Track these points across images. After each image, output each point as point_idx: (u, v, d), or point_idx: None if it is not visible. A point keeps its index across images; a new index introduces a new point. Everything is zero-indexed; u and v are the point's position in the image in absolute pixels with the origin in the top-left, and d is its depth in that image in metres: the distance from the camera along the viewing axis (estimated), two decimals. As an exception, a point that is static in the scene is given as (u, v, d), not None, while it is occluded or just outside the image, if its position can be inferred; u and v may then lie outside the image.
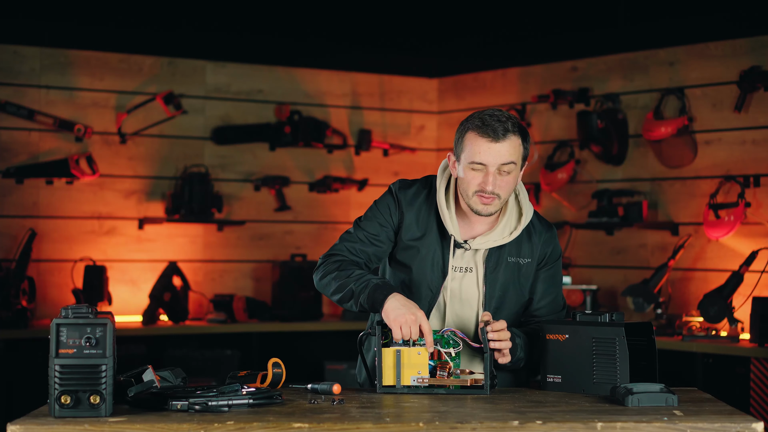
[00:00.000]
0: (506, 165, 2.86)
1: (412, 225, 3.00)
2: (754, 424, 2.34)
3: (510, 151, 2.86)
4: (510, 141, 2.85)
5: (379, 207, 3.05)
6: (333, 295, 2.95)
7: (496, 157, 2.85)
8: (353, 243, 3.01)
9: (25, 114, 5.78)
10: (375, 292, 2.84)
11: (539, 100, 6.21)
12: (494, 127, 2.84)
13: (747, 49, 5.40)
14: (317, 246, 6.54)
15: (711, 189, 5.42)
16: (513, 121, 2.88)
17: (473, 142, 2.86)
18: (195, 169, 6.13)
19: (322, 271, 2.99)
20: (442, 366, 2.78)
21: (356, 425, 2.31)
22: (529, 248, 3.01)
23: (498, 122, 2.85)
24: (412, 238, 3.00)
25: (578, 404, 2.59)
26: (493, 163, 2.85)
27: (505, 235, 2.97)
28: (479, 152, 2.85)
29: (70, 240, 5.95)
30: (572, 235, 6.05)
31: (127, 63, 6.12)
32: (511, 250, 2.99)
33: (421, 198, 3.02)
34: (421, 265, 2.98)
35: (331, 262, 2.98)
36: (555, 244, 3.07)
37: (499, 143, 2.84)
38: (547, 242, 3.04)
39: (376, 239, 3.01)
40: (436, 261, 2.97)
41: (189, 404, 2.41)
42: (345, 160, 6.67)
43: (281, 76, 6.54)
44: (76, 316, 2.36)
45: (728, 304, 5.09)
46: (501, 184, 2.87)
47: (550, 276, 3.06)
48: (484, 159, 2.85)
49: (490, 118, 2.86)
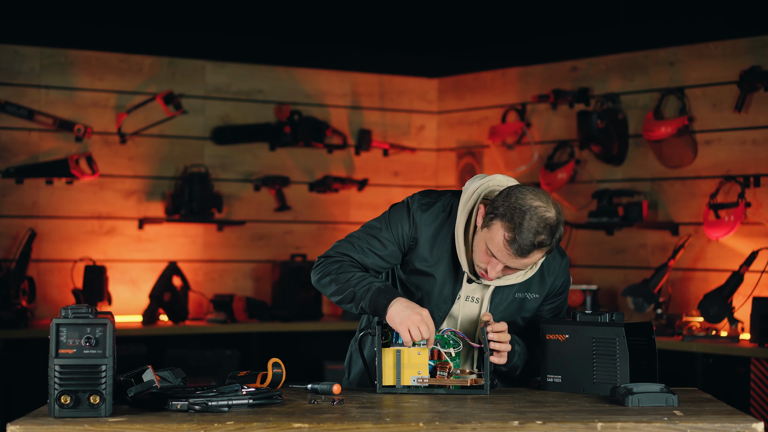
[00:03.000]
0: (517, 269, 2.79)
1: (425, 251, 2.90)
2: (754, 424, 2.34)
3: (527, 264, 2.75)
4: (533, 256, 2.72)
5: (391, 221, 2.93)
6: (332, 297, 2.90)
7: (512, 264, 2.75)
8: (355, 251, 2.92)
9: (25, 114, 5.77)
10: (378, 297, 2.78)
11: (539, 100, 6.21)
12: (523, 243, 2.67)
13: (747, 49, 5.40)
14: (317, 246, 6.53)
15: (711, 189, 5.42)
16: (548, 232, 2.68)
17: (497, 240, 2.71)
18: (195, 169, 6.13)
19: (320, 271, 2.93)
20: (442, 366, 2.78)
21: (356, 425, 2.31)
22: (540, 286, 2.94)
23: (531, 236, 2.66)
24: (424, 263, 2.91)
25: (578, 404, 2.59)
26: (506, 264, 2.76)
27: (519, 275, 2.88)
28: (497, 250, 2.72)
29: (70, 240, 5.94)
30: (572, 235, 6.05)
31: (127, 63, 6.12)
32: (521, 287, 2.92)
33: (438, 222, 2.90)
34: (431, 290, 2.91)
35: (330, 262, 2.92)
36: (566, 276, 3.00)
37: (519, 259, 2.72)
38: (559, 276, 2.96)
39: (379, 253, 2.92)
40: (446, 291, 2.90)
41: (189, 404, 2.41)
42: (345, 160, 6.67)
43: (281, 76, 6.53)
44: (76, 316, 2.36)
45: (728, 304, 5.08)
46: (508, 272, 2.81)
47: (555, 308, 3.02)
48: (499, 258, 2.74)
49: (524, 231, 2.67)
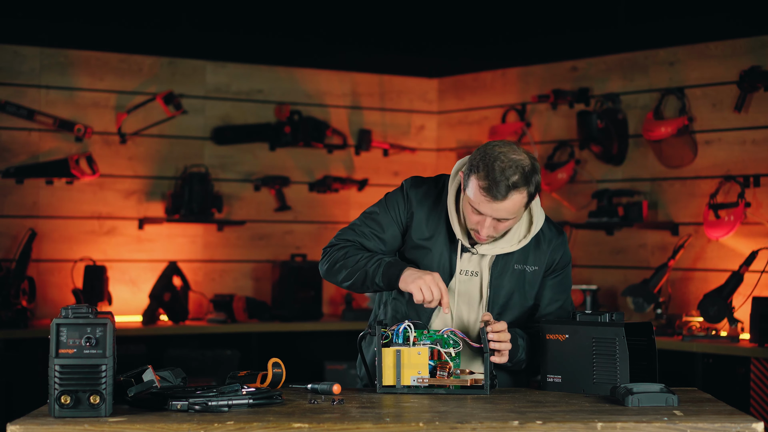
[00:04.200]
0: (504, 219, 2.82)
1: (421, 224, 2.98)
2: (754, 424, 2.34)
3: (509, 209, 2.78)
4: (511, 200, 2.76)
5: (388, 203, 3.02)
6: (343, 282, 2.94)
7: (494, 213, 2.79)
8: (357, 236, 3.00)
9: (25, 114, 5.77)
10: (389, 269, 2.85)
11: (539, 100, 6.21)
12: (496, 186, 2.73)
13: (747, 49, 5.40)
14: (317, 246, 6.53)
15: (711, 189, 5.41)
16: (519, 175, 2.74)
17: (474, 189, 2.78)
18: (195, 169, 6.13)
19: (328, 260, 2.98)
20: (442, 366, 2.78)
21: (356, 425, 2.31)
22: (537, 256, 2.97)
23: (502, 178, 2.72)
24: (421, 238, 2.98)
25: (578, 404, 2.59)
26: (490, 215, 2.80)
27: (513, 243, 2.93)
28: (478, 203, 2.79)
29: (70, 240, 5.94)
30: (572, 235, 6.05)
31: (127, 63, 6.12)
32: (519, 258, 2.96)
33: (432, 198, 2.99)
34: (429, 265, 2.96)
35: (336, 250, 2.98)
36: (564, 250, 3.03)
37: (498, 203, 2.76)
38: (557, 249, 3.00)
39: (380, 236, 3.00)
40: (443, 263, 2.95)
41: (189, 404, 2.41)
42: (345, 160, 6.67)
43: (281, 76, 6.53)
44: (76, 316, 2.36)
45: (728, 304, 5.08)
46: (499, 227, 2.84)
47: (558, 283, 3.03)
48: (482, 210, 2.80)
49: (494, 171, 2.73)
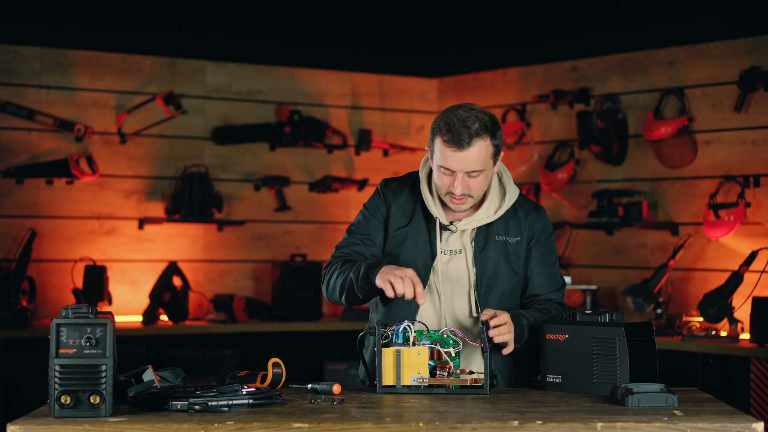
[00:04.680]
0: (473, 172, 2.86)
1: (398, 214, 3.05)
2: (754, 424, 2.34)
3: (476, 158, 2.84)
4: (477, 146, 2.83)
5: (368, 206, 3.10)
6: (342, 299, 2.98)
7: (463, 164, 2.85)
8: (348, 247, 3.04)
9: (25, 114, 5.78)
10: (368, 271, 2.86)
11: (539, 100, 6.21)
12: (459, 135, 2.81)
13: (747, 49, 5.40)
14: (317, 246, 6.54)
15: (711, 189, 5.42)
16: (480, 123, 2.84)
17: (440, 147, 2.86)
18: (195, 169, 6.13)
19: (325, 284, 3.04)
20: (442, 366, 2.78)
21: (356, 425, 2.31)
22: (517, 226, 3.02)
23: (464, 128, 2.82)
24: (399, 226, 3.04)
25: (578, 404, 2.59)
26: (460, 169, 2.86)
27: (490, 213, 2.99)
28: (446, 159, 2.85)
29: (70, 240, 5.95)
30: (572, 235, 6.05)
31: (127, 63, 6.12)
32: (499, 229, 3.01)
33: (406, 189, 3.07)
34: (410, 250, 3.01)
35: (330, 271, 3.02)
36: (544, 222, 3.07)
37: (464, 151, 2.83)
38: (535, 220, 3.05)
39: (370, 238, 3.05)
40: (423, 244, 3.00)
41: (189, 404, 2.41)
42: (345, 160, 6.67)
43: (281, 76, 6.53)
44: (76, 316, 2.36)
45: (728, 304, 5.08)
46: (471, 185, 2.89)
47: (544, 253, 3.06)
48: (451, 165, 2.86)
49: (455, 123, 2.83)
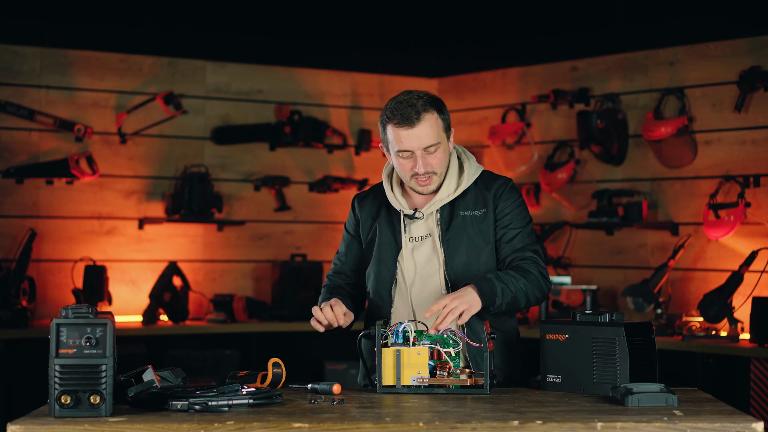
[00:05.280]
0: (430, 147, 2.95)
1: (366, 221, 3.16)
2: (754, 424, 2.34)
3: (429, 132, 2.94)
4: (426, 121, 2.94)
5: (346, 225, 3.27)
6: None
7: (418, 141, 2.94)
8: (335, 267, 3.25)
9: (25, 114, 5.78)
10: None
11: (539, 100, 6.21)
12: (407, 113, 2.93)
13: (747, 49, 5.40)
14: (317, 246, 6.54)
15: (711, 189, 5.42)
16: (424, 99, 2.96)
17: (392, 132, 2.97)
18: (195, 169, 6.13)
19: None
20: (441, 366, 2.78)
21: (356, 425, 2.31)
22: (482, 199, 3.06)
23: (409, 107, 2.93)
24: (367, 232, 3.14)
25: (578, 404, 2.59)
26: (417, 147, 2.95)
27: (450, 192, 3.05)
28: (401, 141, 2.95)
29: (70, 240, 5.94)
30: (572, 235, 6.05)
31: (127, 63, 6.12)
32: (462, 205, 3.06)
33: (370, 196, 3.20)
34: (378, 250, 3.10)
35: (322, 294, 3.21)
36: (510, 188, 3.07)
37: (416, 128, 2.93)
38: (499, 189, 3.06)
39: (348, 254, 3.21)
40: (388, 240, 3.09)
41: (189, 404, 2.42)
42: (345, 160, 6.67)
43: (281, 76, 6.53)
44: (76, 316, 2.36)
45: (728, 304, 5.08)
46: (432, 162, 2.97)
47: (514, 215, 3.05)
48: (407, 146, 2.95)
49: (400, 105, 2.94)
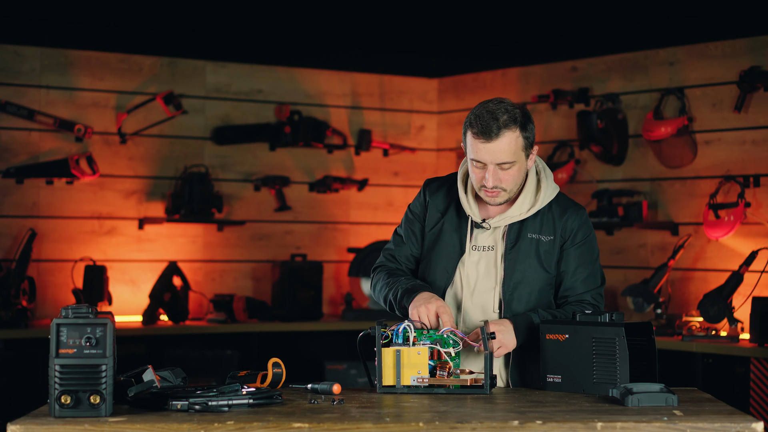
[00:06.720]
0: (504, 164, 2.87)
1: (434, 212, 3.09)
2: (754, 424, 2.34)
3: (505, 150, 2.86)
4: (505, 138, 2.85)
5: (410, 205, 3.17)
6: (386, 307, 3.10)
7: (492, 156, 2.87)
8: (391, 250, 3.15)
9: (25, 114, 5.77)
10: (403, 297, 2.96)
11: (539, 100, 6.21)
12: (487, 126, 2.85)
13: (747, 49, 5.40)
14: (317, 246, 6.54)
15: (711, 189, 5.41)
16: (510, 114, 2.87)
17: (470, 139, 2.91)
18: (195, 169, 6.13)
19: (372, 285, 3.17)
20: (441, 366, 2.78)
21: (356, 425, 2.31)
22: (551, 225, 2.99)
23: (492, 119, 2.85)
24: (433, 224, 3.08)
25: (578, 404, 2.59)
26: (490, 161, 2.88)
27: (523, 211, 2.98)
28: (476, 151, 2.89)
29: (70, 240, 5.94)
30: (572, 235, 6.05)
31: (127, 63, 6.12)
32: (532, 227, 2.99)
33: (444, 189, 3.10)
34: (440, 248, 3.04)
35: (376, 274, 3.14)
36: (582, 221, 3.00)
37: (492, 142, 2.86)
38: (573, 219, 2.99)
39: (410, 237, 3.12)
40: (453, 242, 3.03)
41: (189, 404, 2.41)
42: (345, 160, 6.67)
43: (281, 76, 6.53)
44: (76, 316, 2.36)
45: (728, 304, 5.08)
46: (504, 177, 2.89)
47: (582, 253, 3.00)
48: (481, 157, 2.89)
49: (485, 116, 2.86)
